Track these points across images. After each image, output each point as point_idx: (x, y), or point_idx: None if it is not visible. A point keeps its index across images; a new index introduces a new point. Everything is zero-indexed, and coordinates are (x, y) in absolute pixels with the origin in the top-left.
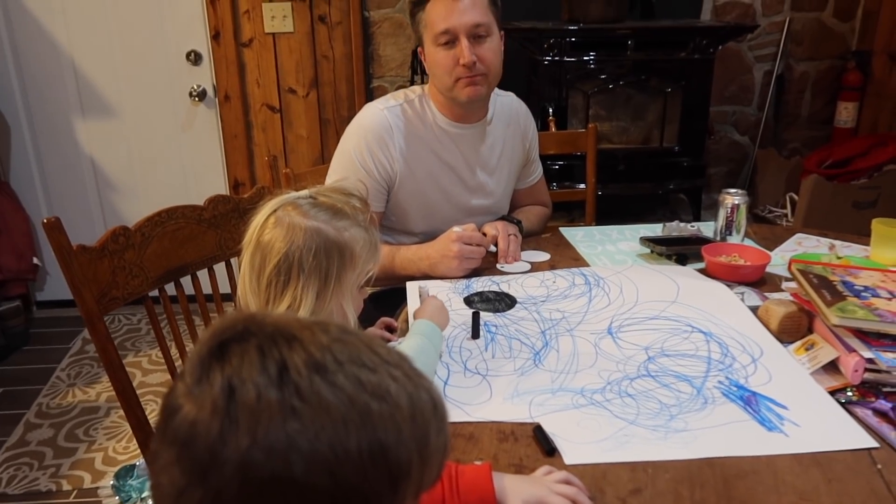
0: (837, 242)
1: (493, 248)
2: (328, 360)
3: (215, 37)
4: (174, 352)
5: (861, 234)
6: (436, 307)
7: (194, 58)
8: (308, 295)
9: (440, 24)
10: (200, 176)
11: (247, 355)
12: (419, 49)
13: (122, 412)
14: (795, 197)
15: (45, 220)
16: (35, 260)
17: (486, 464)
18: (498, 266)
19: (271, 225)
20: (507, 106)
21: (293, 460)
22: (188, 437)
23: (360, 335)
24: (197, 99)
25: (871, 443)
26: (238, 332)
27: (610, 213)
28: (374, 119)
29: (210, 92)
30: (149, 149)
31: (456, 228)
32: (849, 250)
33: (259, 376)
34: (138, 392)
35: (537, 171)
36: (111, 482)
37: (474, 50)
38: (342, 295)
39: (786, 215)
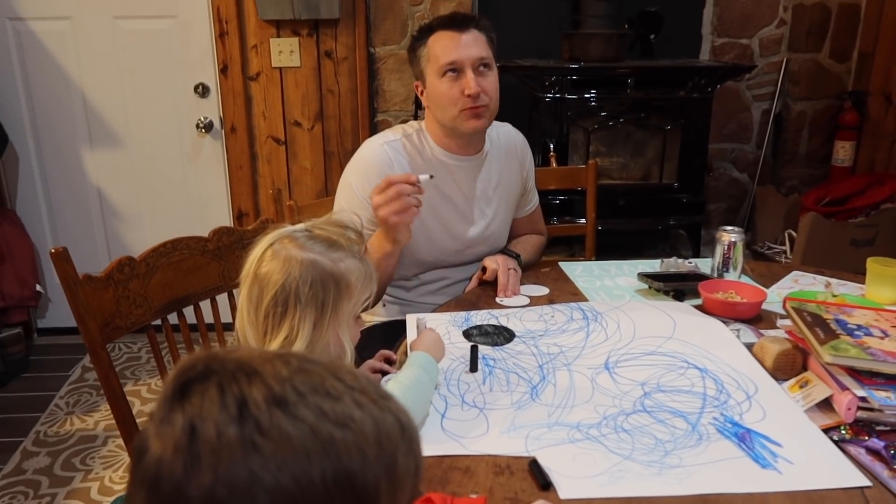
0: (834, 280)
1: (424, 177)
2: (289, 392)
3: (223, 70)
4: None
5: (859, 273)
6: (432, 339)
7: (202, 90)
8: (305, 325)
9: (446, 56)
10: (205, 206)
11: (207, 393)
12: (416, 84)
13: (119, 441)
14: (794, 234)
15: (52, 250)
16: (38, 287)
17: (481, 497)
18: (497, 300)
19: (268, 258)
20: (504, 136)
21: (257, 494)
22: (155, 478)
23: (325, 364)
24: (204, 130)
25: (864, 481)
26: (199, 372)
27: (610, 248)
28: (375, 154)
29: (217, 124)
30: (155, 179)
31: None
32: (845, 288)
33: (219, 414)
34: (137, 421)
35: (534, 200)
36: None
37: (478, 81)
38: (339, 325)
39: (785, 252)
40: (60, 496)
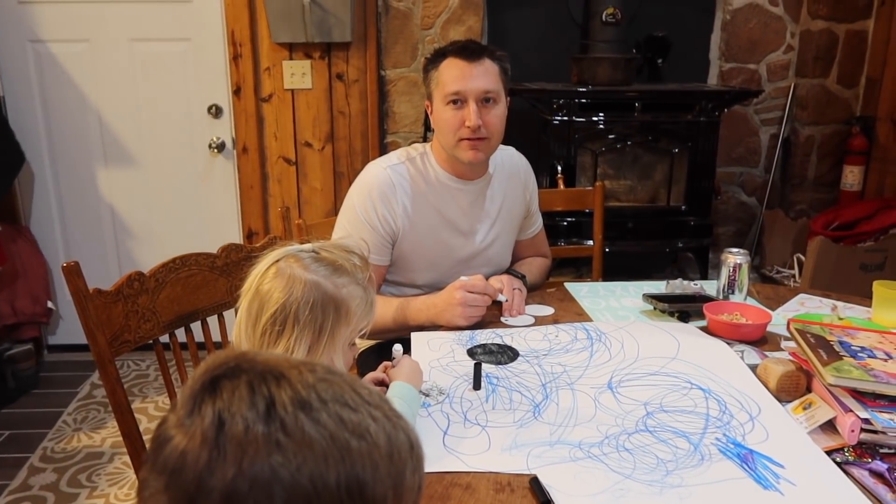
0: (840, 303)
1: (501, 298)
2: (313, 399)
3: (236, 92)
4: None
5: (868, 297)
6: (411, 368)
7: (215, 111)
8: (300, 347)
9: (452, 85)
10: (216, 225)
11: (237, 391)
12: (427, 104)
13: (125, 458)
14: (802, 258)
15: (64, 265)
16: (49, 304)
17: None
18: (502, 319)
19: (272, 275)
20: (507, 159)
21: (275, 491)
22: (177, 467)
23: (345, 376)
24: (216, 150)
25: (867, 503)
26: (230, 369)
27: (617, 270)
28: (378, 177)
29: (229, 144)
30: (167, 198)
31: (463, 278)
32: (851, 312)
33: (248, 411)
34: (144, 438)
35: (537, 222)
36: None
37: (481, 114)
38: (333, 350)
39: (793, 276)
40: None
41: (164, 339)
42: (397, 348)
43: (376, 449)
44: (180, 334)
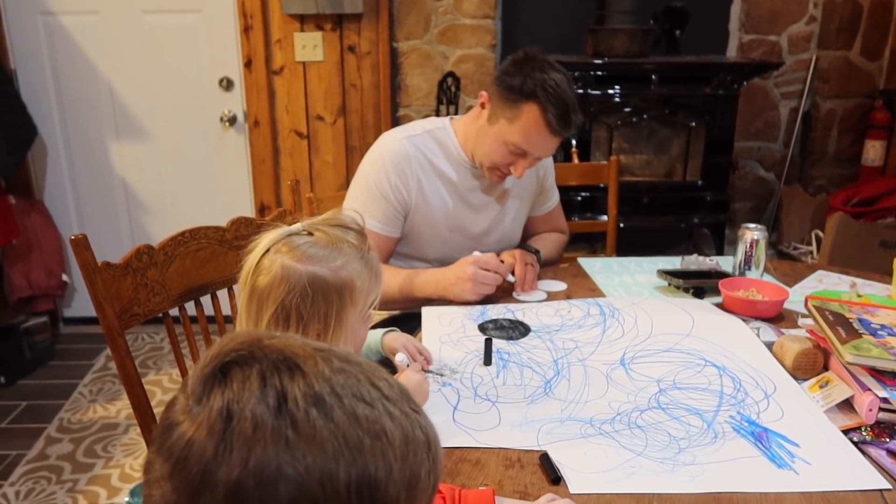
0: (859, 280)
1: (511, 279)
2: (326, 393)
3: (248, 64)
4: None
5: (887, 274)
6: (415, 384)
7: (226, 84)
8: (309, 339)
9: (525, 144)
10: (228, 199)
11: (248, 381)
12: (483, 94)
13: (140, 430)
14: (821, 234)
15: (72, 237)
16: (64, 276)
17: (489, 489)
18: (514, 294)
19: (265, 270)
20: None
21: (281, 490)
22: (182, 455)
23: (364, 366)
24: (227, 124)
25: (884, 484)
26: (242, 356)
27: (632, 245)
28: (393, 147)
29: (240, 117)
30: (179, 171)
31: (476, 253)
32: (870, 289)
33: (258, 405)
34: (157, 410)
35: (553, 198)
36: (126, 499)
37: (526, 167)
38: (343, 332)
39: (811, 252)
40: (82, 482)
41: (175, 312)
42: (401, 358)
43: (391, 449)
44: (190, 308)
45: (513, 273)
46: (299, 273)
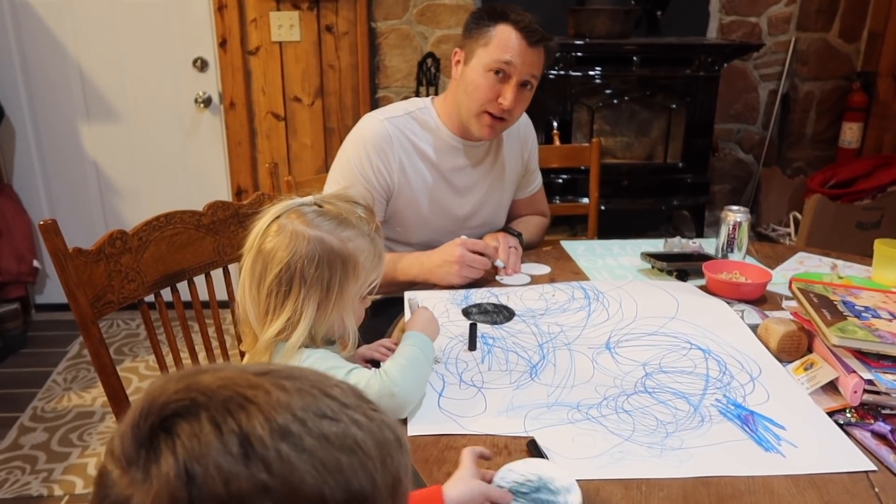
0: (839, 262)
1: (500, 263)
2: (289, 422)
3: (222, 44)
4: (170, 360)
5: (864, 255)
6: (426, 319)
7: (200, 65)
8: (309, 306)
9: (507, 53)
10: (204, 182)
11: (201, 432)
12: (456, 51)
13: (115, 419)
14: (799, 216)
15: (41, 223)
16: (35, 263)
17: (436, 486)
18: (497, 278)
19: (273, 232)
20: None
21: None
22: None
23: (312, 378)
24: (202, 105)
25: (869, 465)
26: (183, 406)
27: (613, 227)
28: (375, 129)
29: (216, 99)
30: (153, 154)
31: (464, 236)
32: (851, 270)
33: (221, 456)
34: (133, 398)
35: (536, 181)
36: None
37: (515, 97)
38: (343, 306)
39: (789, 234)
40: (58, 471)
41: (150, 299)
42: (412, 297)
43: (369, 460)
44: (167, 294)
45: (498, 250)
46: (308, 236)
